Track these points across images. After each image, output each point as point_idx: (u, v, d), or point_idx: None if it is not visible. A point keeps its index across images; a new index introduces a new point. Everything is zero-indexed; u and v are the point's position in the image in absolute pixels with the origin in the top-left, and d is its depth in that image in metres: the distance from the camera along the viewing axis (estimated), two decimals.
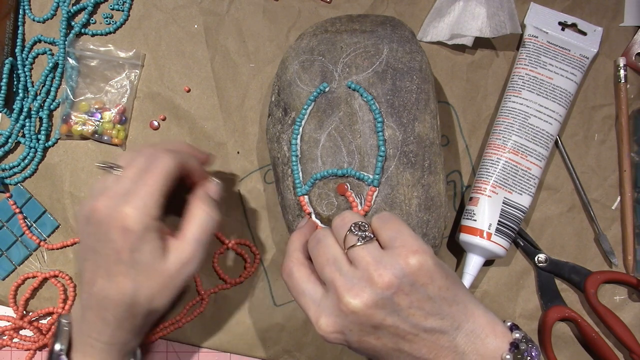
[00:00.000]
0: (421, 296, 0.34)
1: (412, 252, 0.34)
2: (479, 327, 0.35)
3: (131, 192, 0.38)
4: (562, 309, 0.49)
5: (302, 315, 0.51)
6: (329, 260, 0.36)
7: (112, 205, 0.37)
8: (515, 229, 0.48)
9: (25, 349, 0.52)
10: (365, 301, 0.34)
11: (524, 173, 0.48)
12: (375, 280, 0.34)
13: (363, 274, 0.34)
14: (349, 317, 0.34)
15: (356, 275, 0.34)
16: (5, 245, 0.52)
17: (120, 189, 0.38)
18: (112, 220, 0.37)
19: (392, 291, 0.33)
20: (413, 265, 0.34)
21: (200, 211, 0.40)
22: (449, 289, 0.35)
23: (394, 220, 0.37)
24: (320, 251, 0.37)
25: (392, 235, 0.36)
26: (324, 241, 0.37)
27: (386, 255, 0.35)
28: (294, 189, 0.45)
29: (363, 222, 0.37)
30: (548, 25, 0.51)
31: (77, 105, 0.52)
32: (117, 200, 0.38)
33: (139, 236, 0.37)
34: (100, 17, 0.54)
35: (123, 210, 0.37)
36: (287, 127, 0.45)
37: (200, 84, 0.53)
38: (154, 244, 0.38)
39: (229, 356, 0.52)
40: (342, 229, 0.37)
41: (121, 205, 0.37)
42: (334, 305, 0.35)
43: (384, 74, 0.44)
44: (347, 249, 0.36)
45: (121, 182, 0.39)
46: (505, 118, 0.49)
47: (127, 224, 0.37)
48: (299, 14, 0.53)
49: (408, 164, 0.43)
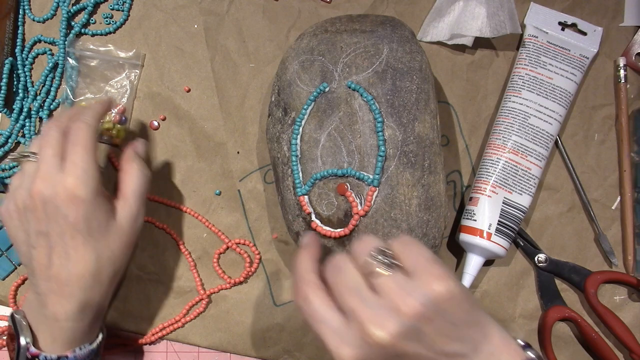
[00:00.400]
0: (445, 322, 0.33)
1: (437, 279, 0.33)
2: (497, 348, 0.34)
3: (66, 165, 0.39)
4: (562, 309, 0.49)
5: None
6: (350, 288, 0.34)
7: (52, 183, 0.38)
8: (515, 229, 0.48)
9: None
10: (391, 332, 0.32)
11: (524, 173, 0.48)
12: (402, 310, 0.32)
13: (388, 303, 0.33)
14: (373, 349, 0.33)
15: (381, 305, 0.33)
16: (5, 245, 0.52)
17: (50, 167, 0.39)
18: (59, 196, 0.38)
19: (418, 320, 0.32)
20: (438, 292, 0.33)
21: (133, 169, 0.43)
22: (470, 312, 0.34)
23: (415, 245, 0.35)
24: (340, 279, 0.35)
25: (414, 260, 0.34)
26: (344, 269, 0.35)
27: (411, 283, 0.33)
28: (294, 189, 0.45)
29: (385, 248, 0.35)
30: (548, 25, 0.51)
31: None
32: (55, 177, 0.38)
33: (90, 202, 0.38)
34: (100, 17, 0.54)
35: (67, 182, 0.38)
36: (287, 127, 0.45)
37: (200, 84, 0.53)
38: (104, 207, 0.40)
39: (229, 356, 0.52)
40: (363, 254, 0.35)
41: (62, 180, 0.38)
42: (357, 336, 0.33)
43: (384, 74, 0.44)
44: (370, 276, 0.34)
45: (47, 162, 0.39)
46: (505, 118, 0.49)
47: (76, 194, 0.38)
48: (299, 14, 0.53)
49: (408, 164, 0.43)
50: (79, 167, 0.39)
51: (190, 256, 0.52)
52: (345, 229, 0.43)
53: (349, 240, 0.44)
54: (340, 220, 0.44)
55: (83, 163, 0.39)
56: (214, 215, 0.52)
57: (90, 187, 0.38)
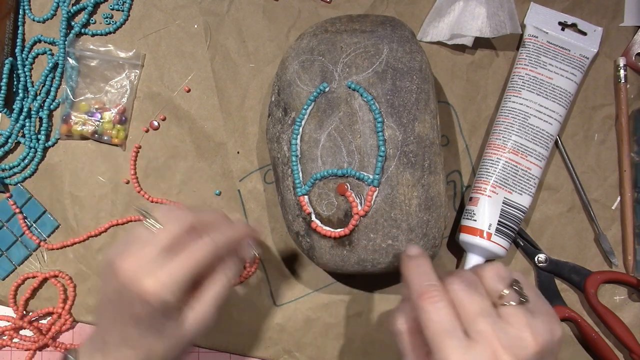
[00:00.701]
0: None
1: (557, 322, 0.36)
2: None
3: (161, 264, 0.38)
4: (562, 309, 0.49)
5: (302, 315, 0.51)
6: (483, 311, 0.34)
7: (136, 271, 0.37)
8: (515, 229, 0.48)
9: (25, 349, 0.52)
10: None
11: (524, 173, 0.48)
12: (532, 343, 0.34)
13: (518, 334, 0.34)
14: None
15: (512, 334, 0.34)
16: (5, 245, 0.52)
17: (150, 254, 0.38)
18: (134, 287, 0.37)
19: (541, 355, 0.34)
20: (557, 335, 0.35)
21: (224, 276, 0.41)
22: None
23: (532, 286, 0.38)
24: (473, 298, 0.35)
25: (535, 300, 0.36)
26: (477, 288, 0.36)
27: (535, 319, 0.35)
28: (294, 189, 0.45)
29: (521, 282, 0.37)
30: (548, 25, 0.51)
31: (77, 105, 0.52)
32: (144, 267, 0.37)
33: (158, 309, 0.37)
34: (100, 17, 0.54)
35: (145, 283, 0.37)
36: (287, 127, 0.45)
37: (200, 84, 0.53)
38: (171, 316, 0.38)
39: (228, 356, 0.52)
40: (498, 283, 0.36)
41: (146, 276, 0.37)
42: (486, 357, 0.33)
43: (384, 74, 0.44)
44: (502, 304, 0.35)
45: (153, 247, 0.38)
46: (505, 118, 0.49)
47: (146, 298, 0.37)
48: (299, 14, 0.53)
49: (408, 164, 0.43)
50: (167, 276, 0.37)
51: None
52: (345, 229, 0.43)
53: (349, 240, 0.44)
54: (340, 221, 0.44)
55: (174, 275, 0.37)
56: None
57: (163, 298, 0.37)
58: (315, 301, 0.51)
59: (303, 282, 0.52)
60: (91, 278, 0.52)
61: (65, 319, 0.51)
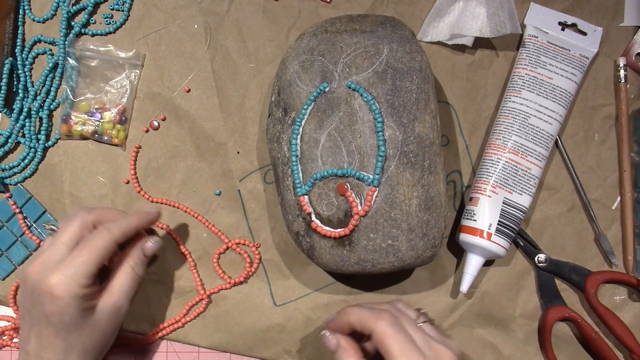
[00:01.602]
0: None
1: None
2: None
3: (64, 260, 0.41)
4: (562, 309, 0.49)
5: (302, 315, 0.51)
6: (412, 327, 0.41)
7: (42, 272, 0.40)
8: (515, 229, 0.48)
9: None
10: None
11: (524, 173, 0.48)
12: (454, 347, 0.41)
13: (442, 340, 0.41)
14: None
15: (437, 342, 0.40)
16: (5, 245, 0.52)
17: (53, 255, 0.41)
18: (42, 286, 0.40)
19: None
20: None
21: (128, 266, 0.45)
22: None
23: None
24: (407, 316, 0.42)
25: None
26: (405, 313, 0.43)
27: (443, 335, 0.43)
28: (294, 189, 0.45)
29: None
30: (548, 25, 0.51)
31: (77, 105, 0.52)
32: (48, 267, 0.40)
33: (66, 302, 0.40)
34: (100, 17, 0.54)
35: (51, 279, 0.40)
36: (287, 127, 0.45)
37: (200, 84, 0.53)
38: (82, 307, 0.41)
39: (229, 356, 0.52)
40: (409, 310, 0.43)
41: (50, 273, 0.40)
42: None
43: (384, 74, 0.44)
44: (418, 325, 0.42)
45: (54, 248, 0.41)
46: (505, 118, 0.49)
47: (54, 292, 0.39)
48: (299, 14, 0.53)
49: (408, 164, 0.43)
50: (72, 268, 0.40)
51: (190, 256, 0.52)
52: (345, 229, 0.43)
53: (349, 240, 0.44)
54: (340, 221, 0.44)
55: (78, 266, 0.40)
56: (214, 215, 0.52)
57: (70, 291, 0.40)
58: (315, 301, 0.51)
59: (303, 282, 0.52)
60: None
61: None
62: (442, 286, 0.51)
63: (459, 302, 0.51)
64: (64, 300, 0.39)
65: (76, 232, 0.42)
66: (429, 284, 0.51)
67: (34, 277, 0.40)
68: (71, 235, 0.42)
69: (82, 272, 0.40)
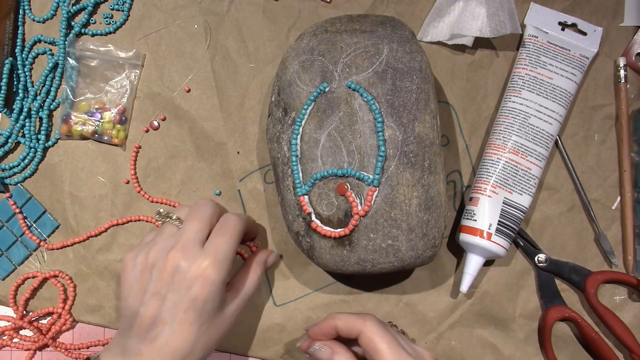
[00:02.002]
0: None
1: None
2: None
3: (210, 245, 0.40)
4: (562, 309, 0.49)
5: (302, 315, 0.51)
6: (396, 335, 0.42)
7: (190, 257, 0.40)
8: (515, 229, 0.48)
9: (25, 349, 0.52)
10: None
11: (524, 173, 0.48)
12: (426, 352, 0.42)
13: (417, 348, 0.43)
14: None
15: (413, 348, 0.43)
16: (5, 245, 0.52)
17: (193, 240, 0.41)
18: (191, 271, 0.39)
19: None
20: None
21: (255, 274, 0.46)
22: None
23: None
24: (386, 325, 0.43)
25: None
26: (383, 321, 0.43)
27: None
28: (294, 189, 0.45)
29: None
30: (548, 25, 0.51)
31: (77, 105, 0.52)
32: (194, 251, 0.40)
33: (217, 287, 0.39)
34: (100, 17, 0.54)
35: (204, 262, 0.39)
36: (287, 127, 0.45)
37: (200, 84, 0.53)
38: (222, 296, 0.41)
39: (229, 356, 0.52)
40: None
41: (201, 258, 0.40)
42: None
43: (384, 74, 0.44)
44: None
45: (191, 234, 0.41)
46: (505, 118, 0.49)
47: (208, 275, 0.39)
48: (299, 14, 0.53)
49: (408, 164, 0.43)
50: (220, 252, 0.40)
51: None
52: (345, 229, 0.43)
53: (349, 240, 0.44)
54: (340, 221, 0.44)
55: (225, 250, 0.40)
56: None
57: (221, 275, 0.40)
58: (315, 301, 0.51)
59: (303, 282, 0.52)
60: (91, 278, 0.52)
61: (65, 319, 0.51)
62: (442, 286, 0.51)
63: (459, 302, 0.51)
64: (215, 284, 0.39)
65: (210, 219, 0.42)
66: (429, 284, 0.51)
67: (179, 261, 0.39)
68: (205, 221, 0.42)
69: (228, 257, 0.40)
